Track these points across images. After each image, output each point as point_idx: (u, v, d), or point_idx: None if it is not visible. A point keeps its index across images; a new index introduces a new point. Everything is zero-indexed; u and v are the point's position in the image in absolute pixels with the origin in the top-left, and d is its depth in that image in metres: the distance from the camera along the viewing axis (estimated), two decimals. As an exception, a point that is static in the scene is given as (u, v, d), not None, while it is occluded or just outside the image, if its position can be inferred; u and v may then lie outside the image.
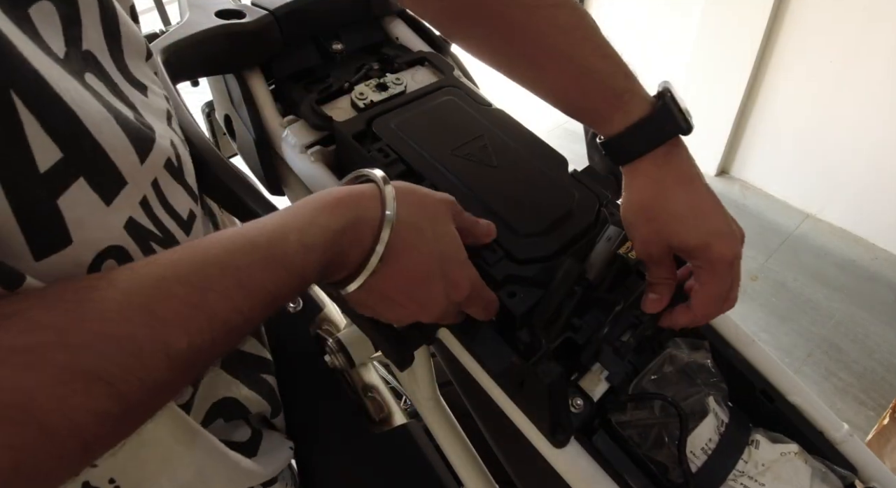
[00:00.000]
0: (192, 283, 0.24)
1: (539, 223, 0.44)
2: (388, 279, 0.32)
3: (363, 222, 0.30)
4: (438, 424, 0.58)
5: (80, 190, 0.25)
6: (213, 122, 0.73)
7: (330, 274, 0.31)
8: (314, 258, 0.28)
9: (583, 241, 0.44)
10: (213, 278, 0.24)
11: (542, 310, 0.39)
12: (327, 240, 0.28)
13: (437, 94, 0.55)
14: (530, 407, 0.38)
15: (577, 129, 0.44)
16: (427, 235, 0.33)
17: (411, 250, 0.32)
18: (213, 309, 0.24)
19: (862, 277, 1.69)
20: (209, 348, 0.24)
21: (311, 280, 0.29)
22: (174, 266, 0.24)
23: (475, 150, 0.49)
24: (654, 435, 0.39)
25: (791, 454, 0.39)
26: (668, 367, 0.42)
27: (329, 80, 0.57)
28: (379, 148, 0.48)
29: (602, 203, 0.46)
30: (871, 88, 1.58)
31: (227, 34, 0.52)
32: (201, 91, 0.68)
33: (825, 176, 1.81)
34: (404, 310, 0.34)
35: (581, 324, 0.41)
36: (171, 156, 0.34)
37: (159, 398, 0.23)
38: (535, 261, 0.42)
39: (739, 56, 1.79)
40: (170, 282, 0.23)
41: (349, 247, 0.30)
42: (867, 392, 1.41)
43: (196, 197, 0.38)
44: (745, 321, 1.56)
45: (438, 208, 0.35)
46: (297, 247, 0.27)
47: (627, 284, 0.45)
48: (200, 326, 0.23)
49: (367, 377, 0.69)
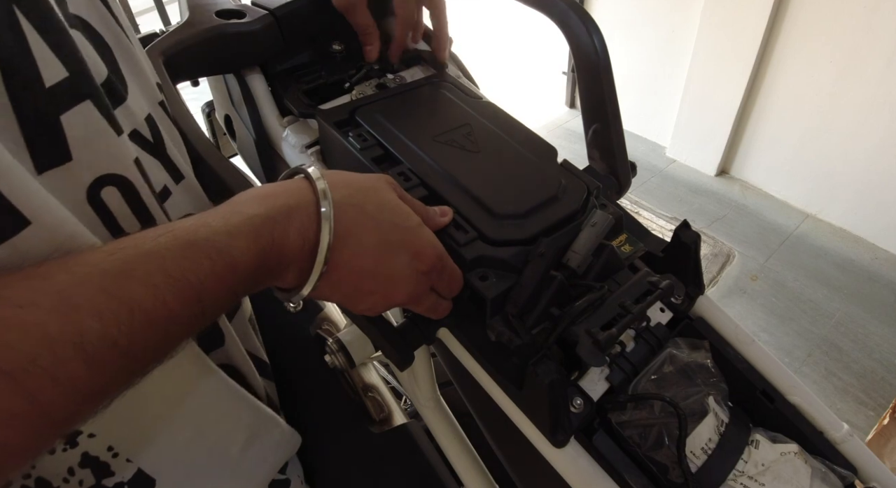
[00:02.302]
0: (109, 269, 0.22)
1: (518, 205, 0.41)
2: (343, 268, 0.31)
3: (297, 210, 0.29)
4: (438, 424, 0.58)
5: (87, 112, 0.26)
6: (213, 121, 0.73)
7: (272, 269, 0.28)
8: (241, 245, 0.26)
9: (567, 227, 0.41)
10: (133, 263, 0.22)
11: (516, 295, 0.37)
12: (255, 226, 0.27)
13: (428, 87, 0.54)
14: (530, 407, 0.38)
15: (578, 129, 0.44)
16: (369, 210, 0.32)
17: (358, 231, 0.31)
18: (133, 297, 0.22)
19: (862, 277, 1.69)
20: (128, 344, 0.21)
21: (244, 272, 0.26)
22: (91, 253, 0.22)
23: (458, 137, 0.47)
24: (654, 435, 0.39)
25: (791, 454, 0.39)
26: (668, 367, 0.42)
27: (323, 80, 0.57)
28: (359, 133, 0.47)
29: (591, 191, 0.45)
30: (871, 88, 1.58)
31: (227, 34, 0.52)
32: (201, 91, 0.68)
33: (825, 176, 1.81)
34: (373, 297, 0.33)
35: (560, 313, 0.38)
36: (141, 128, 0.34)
37: (79, 400, 0.21)
38: (511, 243, 0.39)
39: (739, 56, 1.79)
40: (87, 267, 0.21)
41: (286, 237, 0.28)
42: (867, 392, 1.40)
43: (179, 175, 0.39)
44: (745, 321, 1.56)
45: (373, 183, 0.34)
46: (221, 233, 0.25)
47: (618, 278, 0.42)
48: (118, 315, 0.21)
49: (367, 377, 0.69)
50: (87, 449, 0.32)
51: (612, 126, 0.52)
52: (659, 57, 2.09)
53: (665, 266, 0.47)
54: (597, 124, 0.53)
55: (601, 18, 2.05)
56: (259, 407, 0.44)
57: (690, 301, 0.45)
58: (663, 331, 0.44)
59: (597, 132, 0.53)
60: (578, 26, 0.51)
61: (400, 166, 0.44)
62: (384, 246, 0.32)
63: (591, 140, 0.54)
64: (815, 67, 1.68)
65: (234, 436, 0.42)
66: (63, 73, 0.25)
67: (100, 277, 0.21)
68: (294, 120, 0.55)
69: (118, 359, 0.21)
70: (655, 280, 0.40)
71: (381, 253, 0.32)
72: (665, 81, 2.11)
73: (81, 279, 0.21)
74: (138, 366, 0.23)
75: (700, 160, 2.12)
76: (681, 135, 2.14)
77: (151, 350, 0.23)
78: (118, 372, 0.22)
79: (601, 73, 0.51)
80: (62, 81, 0.24)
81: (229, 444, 0.42)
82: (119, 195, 0.29)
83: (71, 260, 0.22)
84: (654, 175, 2.13)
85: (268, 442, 0.46)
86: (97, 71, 0.31)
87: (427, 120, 0.49)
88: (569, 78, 2.47)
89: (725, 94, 1.89)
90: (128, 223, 0.30)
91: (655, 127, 2.25)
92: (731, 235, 1.86)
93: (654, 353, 0.43)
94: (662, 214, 1.93)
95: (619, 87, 0.52)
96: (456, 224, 0.40)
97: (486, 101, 0.54)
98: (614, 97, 0.52)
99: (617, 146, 0.53)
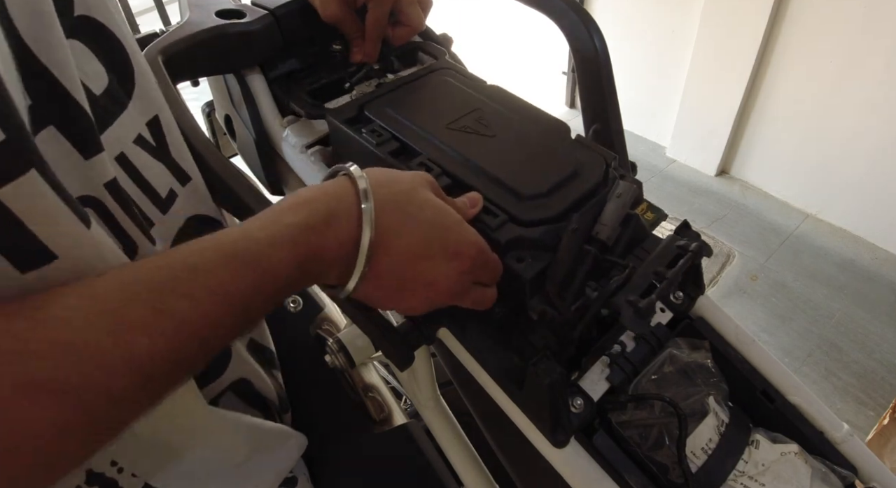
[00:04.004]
0: (157, 287, 0.23)
1: (542, 184, 0.42)
2: (386, 268, 0.31)
3: (337, 217, 0.29)
4: (438, 424, 0.58)
5: (50, 136, 0.26)
6: (213, 121, 0.73)
7: (313, 274, 0.29)
8: (282, 255, 0.27)
9: (592, 201, 0.41)
10: (180, 280, 0.23)
11: (554, 272, 0.37)
12: (294, 235, 0.27)
13: (430, 76, 0.54)
14: (530, 407, 0.38)
15: (578, 129, 0.44)
16: (411, 211, 0.32)
17: (400, 231, 0.31)
18: (180, 313, 0.23)
19: (862, 277, 1.69)
20: (174, 357, 0.23)
21: (285, 281, 0.27)
22: (139, 270, 0.23)
23: (471, 122, 0.47)
24: (655, 435, 0.39)
25: (791, 454, 0.39)
26: (669, 367, 0.42)
27: (323, 80, 0.57)
28: (372, 128, 0.47)
29: (609, 163, 0.44)
30: (871, 88, 1.58)
31: (227, 34, 0.52)
32: (201, 91, 0.68)
33: (825, 176, 1.81)
34: (415, 297, 0.33)
35: (597, 287, 0.38)
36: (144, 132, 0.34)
37: (127, 409, 0.22)
38: (541, 222, 0.39)
39: (739, 56, 1.79)
40: (134, 285, 0.23)
41: (325, 243, 0.29)
42: (867, 392, 1.40)
43: (185, 176, 0.39)
44: (745, 321, 1.56)
45: (413, 181, 0.34)
46: (263, 245, 0.26)
47: (646, 247, 0.42)
48: (165, 332, 0.22)
49: (367, 377, 0.69)
50: (92, 465, 0.32)
51: (612, 126, 0.52)
52: (659, 57, 2.09)
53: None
54: (597, 124, 0.53)
55: (601, 18, 2.04)
56: (263, 426, 0.44)
57: (690, 301, 0.45)
58: (663, 330, 0.44)
59: (597, 132, 0.53)
60: (578, 26, 0.51)
61: (419, 157, 0.44)
62: (425, 246, 0.32)
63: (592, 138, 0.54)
64: (815, 67, 1.68)
65: (238, 451, 0.42)
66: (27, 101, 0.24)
67: (147, 295, 0.22)
68: (294, 120, 0.55)
69: (164, 370, 0.23)
70: (684, 243, 0.40)
71: (423, 253, 0.32)
72: (665, 81, 2.11)
73: (130, 298, 0.22)
74: (182, 375, 0.24)
75: (700, 160, 2.12)
76: (681, 135, 2.14)
77: (194, 359, 0.24)
78: (164, 382, 0.23)
79: (601, 73, 0.51)
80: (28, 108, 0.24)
81: (235, 455, 0.42)
82: (96, 216, 0.29)
83: (120, 276, 0.23)
84: (654, 175, 2.13)
85: (276, 451, 0.46)
86: (95, 81, 0.31)
87: (437, 108, 0.49)
88: (569, 78, 2.47)
89: (725, 94, 1.89)
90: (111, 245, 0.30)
91: (655, 127, 2.25)
92: (731, 235, 1.86)
93: (655, 353, 0.43)
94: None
95: (619, 87, 0.52)
96: (485, 209, 0.40)
97: (492, 84, 0.53)
98: (614, 97, 0.52)
99: (617, 146, 0.53)
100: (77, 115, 0.27)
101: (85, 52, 0.30)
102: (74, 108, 0.27)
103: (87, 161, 0.28)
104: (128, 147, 0.33)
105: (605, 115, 0.52)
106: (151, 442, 0.35)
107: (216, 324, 0.24)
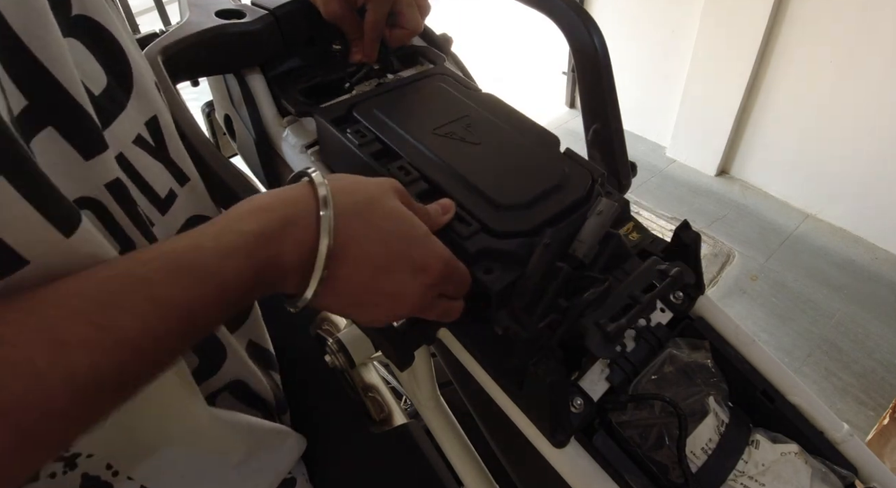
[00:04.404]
0: (97, 299, 0.22)
1: (521, 196, 0.41)
2: (346, 279, 0.30)
3: (295, 223, 0.28)
4: (438, 424, 0.58)
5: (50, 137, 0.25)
6: (213, 121, 0.73)
7: (269, 283, 0.28)
8: (234, 265, 0.25)
9: (572, 216, 0.41)
10: (120, 293, 0.22)
11: (522, 287, 0.36)
12: (249, 243, 0.26)
13: (425, 81, 0.54)
14: (530, 407, 0.38)
15: (578, 129, 0.44)
16: (374, 220, 0.31)
17: (360, 241, 0.30)
18: (121, 328, 0.21)
19: (862, 277, 1.69)
20: (117, 375, 0.22)
21: (239, 292, 0.26)
22: (82, 282, 0.22)
23: (458, 129, 0.47)
24: (655, 435, 0.39)
25: (791, 454, 0.39)
26: (669, 367, 0.42)
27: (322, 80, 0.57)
28: (356, 129, 0.46)
29: (596, 179, 0.44)
30: (871, 88, 1.58)
31: (227, 34, 0.52)
32: (201, 91, 0.68)
33: (825, 176, 1.81)
34: (378, 309, 0.32)
35: (568, 305, 0.36)
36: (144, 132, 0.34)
37: (68, 428, 0.21)
38: (515, 234, 0.38)
39: (739, 56, 1.79)
40: (75, 299, 0.21)
41: (282, 250, 0.27)
42: (867, 392, 1.40)
43: (184, 176, 0.38)
44: (745, 321, 1.56)
45: (379, 188, 0.33)
46: (211, 254, 0.25)
47: (626, 267, 0.42)
48: (106, 348, 0.21)
49: (367, 377, 0.69)
50: (87, 469, 0.31)
51: (612, 126, 0.52)
52: (659, 57, 2.09)
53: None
54: (597, 124, 0.53)
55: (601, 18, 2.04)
56: (261, 425, 0.44)
57: (690, 301, 0.45)
58: (663, 331, 0.44)
59: (597, 132, 0.53)
60: (578, 26, 0.51)
61: (399, 161, 0.44)
62: (388, 258, 0.31)
63: (591, 140, 0.54)
64: (815, 67, 1.68)
65: (236, 451, 0.42)
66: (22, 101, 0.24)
67: (87, 308, 0.21)
68: (294, 120, 0.55)
69: (106, 386, 0.21)
70: (665, 268, 0.39)
71: (386, 265, 0.31)
72: (665, 81, 2.11)
73: (69, 312, 0.21)
74: (126, 391, 0.23)
75: (700, 160, 2.12)
76: (681, 135, 2.14)
77: (138, 375, 0.23)
78: (106, 399, 0.22)
79: (601, 73, 0.51)
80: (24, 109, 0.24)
81: (233, 456, 0.42)
82: (94, 217, 0.29)
83: (61, 289, 0.22)
84: (654, 175, 2.13)
85: (274, 451, 0.46)
86: (94, 81, 0.30)
87: (425, 113, 0.49)
88: (569, 78, 2.47)
89: (725, 94, 1.89)
90: (104, 248, 0.30)
91: (655, 127, 2.25)
92: (731, 235, 1.86)
93: (655, 353, 0.43)
94: (662, 214, 1.93)
95: (619, 87, 0.52)
96: (458, 216, 0.39)
97: (486, 93, 0.53)
98: (614, 97, 0.52)
99: (617, 146, 0.53)
100: (79, 116, 0.27)
101: (83, 52, 0.30)
102: (76, 108, 0.27)
103: (86, 162, 0.27)
104: (127, 147, 0.33)
105: (605, 115, 0.52)
106: (147, 443, 0.35)
107: (161, 338, 0.23)
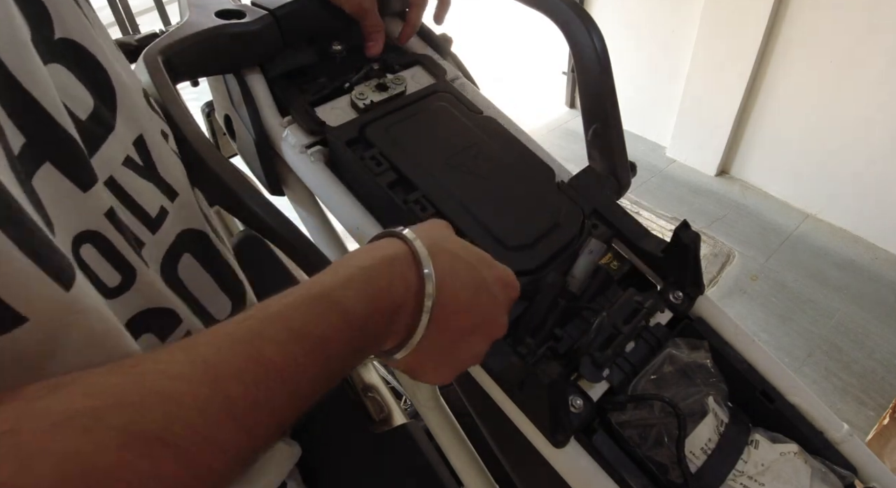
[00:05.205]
0: (244, 335, 0.24)
1: (527, 236, 0.45)
2: (449, 306, 0.32)
3: (397, 258, 0.31)
4: (438, 424, 0.58)
5: (48, 173, 0.25)
6: (213, 121, 0.73)
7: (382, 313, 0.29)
8: (352, 294, 0.28)
9: (566, 254, 0.45)
10: (264, 327, 0.24)
11: (527, 321, 0.40)
12: (364, 274, 0.29)
13: (430, 99, 0.55)
14: (530, 407, 0.38)
15: (578, 129, 0.45)
16: (458, 251, 0.34)
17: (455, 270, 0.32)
18: (265, 355, 0.23)
19: (862, 277, 1.69)
20: (268, 403, 0.23)
21: (358, 320, 0.28)
22: (225, 326, 0.24)
23: (467, 160, 0.50)
24: (654, 435, 0.39)
25: (791, 454, 0.39)
26: (668, 367, 0.42)
27: (322, 80, 0.57)
28: (372, 155, 0.49)
29: (586, 215, 0.48)
30: (872, 88, 1.58)
31: (226, 34, 0.52)
32: (201, 91, 0.68)
33: (825, 176, 1.81)
34: (477, 334, 0.34)
35: (562, 334, 0.42)
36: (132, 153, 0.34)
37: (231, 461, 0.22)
38: (523, 274, 0.42)
39: (739, 56, 1.79)
40: (223, 338, 0.23)
41: (391, 281, 0.30)
42: (867, 392, 1.40)
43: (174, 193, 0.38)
44: (745, 321, 1.56)
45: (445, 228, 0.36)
46: (335, 287, 0.27)
47: (608, 295, 0.46)
48: (256, 375, 0.23)
49: (367, 377, 0.69)
50: None
51: (612, 126, 0.52)
52: (659, 57, 2.09)
53: (665, 266, 0.47)
54: (597, 124, 0.53)
55: (601, 19, 2.04)
56: None
57: (690, 301, 0.46)
58: (663, 331, 0.44)
59: (597, 132, 0.53)
60: (578, 27, 0.51)
61: (415, 193, 0.47)
62: (479, 282, 0.33)
63: (591, 140, 0.54)
64: (815, 67, 1.68)
65: None
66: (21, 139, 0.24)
67: (234, 344, 0.23)
68: (294, 120, 0.55)
69: (261, 416, 0.23)
70: (640, 299, 0.44)
71: (478, 288, 0.33)
72: (665, 81, 2.11)
73: (219, 347, 0.23)
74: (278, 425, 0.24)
75: (700, 160, 2.11)
76: (681, 135, 2.14)
77: (286, 407, 0.24)
78: (264, 430, 0.23)
79: (601, 73, 0.51)
80: (23, 147, 0.24)
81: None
82: (95, 251, 0.29)
83: (210, 332, 0.24)
84: (654, 175, 2.13)
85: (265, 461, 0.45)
86: (81, 106, 0.30)
87: (435, 140, 0.51)
88: (569, 78, 2.47)
89: (725, 94, 1.89)
90: (108, 277, 0.30)
91: (655, 127, 2.25)
92: (731, 235, 1.86)
93: (654, 353, 0.43)
94: (662, 214, 1.93)
95: (619, 87, 0.52)
96: None
97: (486, 117, 0.55)
98: (614, 97, 0.52)
99: (617, 146, 0.53)
100: (70, 147, 0.27)
101: (68, 77, 0.29)
102: (66, 139, 0.26)
103: (85, 193, 0.27)
104: (117, 170, 0.32)
105: (605, 114, 0.52)
106: None
107: (302, 366, 0.24)
